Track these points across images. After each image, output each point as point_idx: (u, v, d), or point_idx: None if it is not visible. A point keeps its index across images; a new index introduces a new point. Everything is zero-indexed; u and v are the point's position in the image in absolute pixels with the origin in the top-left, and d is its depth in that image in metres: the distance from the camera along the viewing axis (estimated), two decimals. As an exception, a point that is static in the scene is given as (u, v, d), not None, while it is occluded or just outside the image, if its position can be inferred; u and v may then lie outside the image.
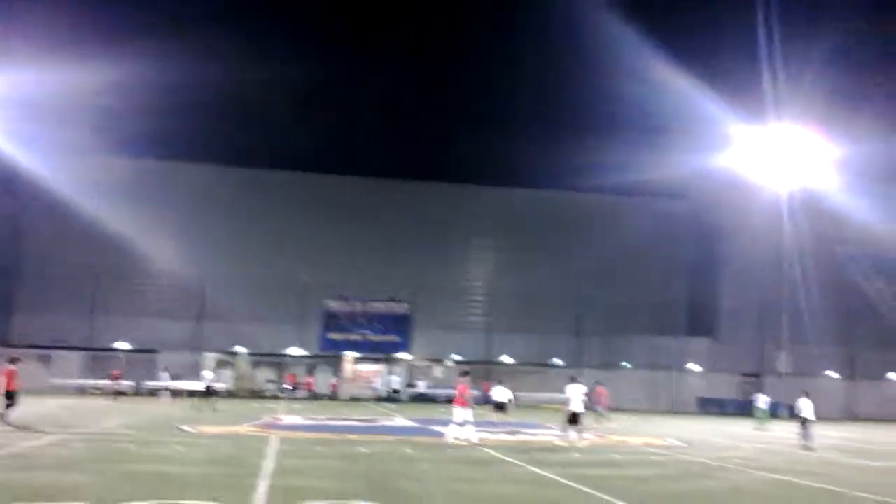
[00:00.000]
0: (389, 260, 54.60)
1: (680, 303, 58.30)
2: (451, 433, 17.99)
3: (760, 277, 50.99)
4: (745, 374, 53.45)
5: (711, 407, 48.76)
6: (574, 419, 18.57)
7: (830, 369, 53.32)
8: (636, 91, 48.42)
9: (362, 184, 56.55)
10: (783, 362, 47.14)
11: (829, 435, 28.78)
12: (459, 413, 17.88)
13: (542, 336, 54.62)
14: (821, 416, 43.55)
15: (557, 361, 54.18)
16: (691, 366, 52.95)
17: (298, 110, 54.11)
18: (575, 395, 18.65)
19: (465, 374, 20.32)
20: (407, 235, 55.85)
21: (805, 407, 21.68)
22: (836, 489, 12.39)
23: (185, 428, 19.91)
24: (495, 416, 22.66)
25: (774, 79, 41.93)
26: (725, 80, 43.97)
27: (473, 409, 18.23)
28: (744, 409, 48.41)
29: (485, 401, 29.94)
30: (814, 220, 47.36)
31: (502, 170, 54.49)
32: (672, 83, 44.55)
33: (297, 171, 54.94)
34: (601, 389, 28.22)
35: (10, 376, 19.12)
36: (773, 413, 34.29)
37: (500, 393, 23.37)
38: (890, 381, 53.02)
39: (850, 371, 53.04)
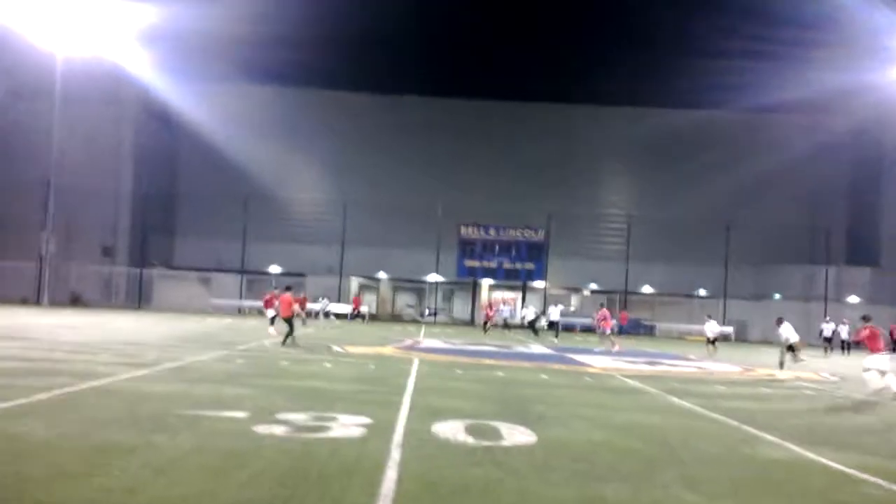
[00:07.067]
0: (526, 186, 54.39)
1: (838, 229, 54.22)
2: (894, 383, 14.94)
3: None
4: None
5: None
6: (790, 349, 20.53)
7: None
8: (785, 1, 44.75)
9: (498, 108, 56.27)
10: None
11: None
12: (878, 360, 15.13)
13: (684, 265, 52.85)
14: None
15: (702, 292, 52.41)
16: (851, 298, 49.67)
17: (435, 37, 54.07)
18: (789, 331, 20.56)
19: (867, 318, 16.38)
20: (543, 160, 55.27)
21: None
22: None
23: (335, 347, 21.06)
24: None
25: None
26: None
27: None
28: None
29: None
30: None
31: (643, 90, 52.22)
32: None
33: (433, 96, 55.37)
34: (604, 311, 28.37)
35: (287, 303, 20.96)
36: None
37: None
38: None
39: None
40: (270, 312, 25.40)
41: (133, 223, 51.61)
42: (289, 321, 20.83)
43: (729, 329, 45.34)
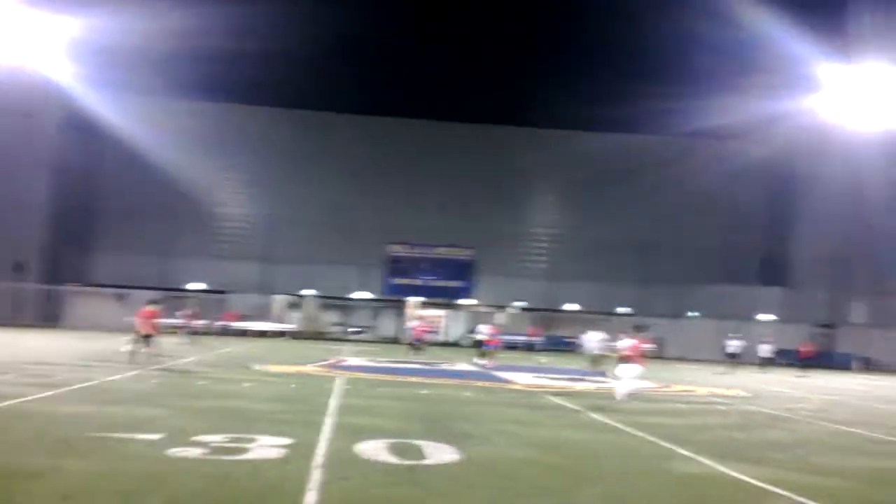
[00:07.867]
0: (453, 204, 54.74)
1: (752, 250, 56.56)
2: (621, 389, 15.81)
3: (838, 225, 49.05)
4: (820, 325, 51.90)
5: (784, 358, 47.37)
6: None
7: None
8: (706, 30, 46.15)
9: (425, 127, 56.54)
10: (859, 313, 45.50)
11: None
12: (627, 369, 15.75)
13: (607, 283, 54.11)
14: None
15: (623, 309, 53.66)
16: (763, 316, 51.65)
17: (362, 54, 54.03)
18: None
19: (640, 328, 17.41)
20: (471, 180, 55.78)
21: None
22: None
23: (255, 366, 20.59)
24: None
25: (861, 13, 39.25)
26: (803, 14, 41.02)
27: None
28: (820, 360, 46.76)
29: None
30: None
31: (567, 114, 53.31)
32: (745, 20, 42.23)
33: (361, 114, 55.31)
34: (494, 328, 30.46)
35: (150, 317, 19.60)
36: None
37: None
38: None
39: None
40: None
41: (48, 238, 49.29)
42: (146, 337, 19.49)
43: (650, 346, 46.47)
